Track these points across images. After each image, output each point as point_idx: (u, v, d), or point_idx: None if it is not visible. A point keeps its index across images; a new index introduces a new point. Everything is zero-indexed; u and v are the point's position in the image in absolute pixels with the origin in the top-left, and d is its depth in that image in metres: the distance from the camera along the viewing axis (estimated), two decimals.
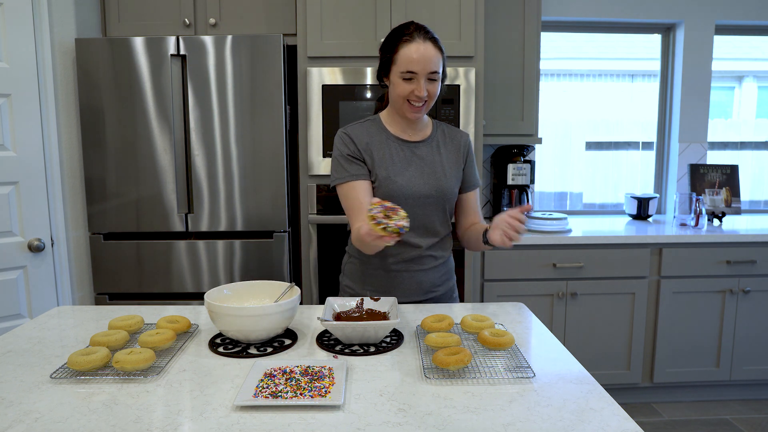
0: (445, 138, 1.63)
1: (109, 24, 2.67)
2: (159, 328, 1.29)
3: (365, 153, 1.54)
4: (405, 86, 1.47)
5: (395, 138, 1.57)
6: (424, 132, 1.61)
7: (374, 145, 1.55)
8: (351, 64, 2.48)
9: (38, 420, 0.93)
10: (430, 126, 1.64)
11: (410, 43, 1.45)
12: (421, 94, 1.46)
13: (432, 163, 1.57)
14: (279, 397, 0.98)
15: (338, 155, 1.55)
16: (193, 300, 2.52)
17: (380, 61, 1.54)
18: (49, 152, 2.33)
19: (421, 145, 1.58)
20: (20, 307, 2.29)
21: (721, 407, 2.82)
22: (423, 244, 1.58)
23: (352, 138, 1.55)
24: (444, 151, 1.60)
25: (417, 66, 1.44)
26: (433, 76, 1.47)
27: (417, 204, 1.54)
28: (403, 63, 1.45)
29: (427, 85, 1.47)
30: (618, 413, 0.96)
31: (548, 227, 2.77)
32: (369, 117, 1.63)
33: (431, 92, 1.49)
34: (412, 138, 1.59)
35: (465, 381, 1.08)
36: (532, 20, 2.83)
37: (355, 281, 1.64)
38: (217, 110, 2.43)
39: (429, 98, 1.49)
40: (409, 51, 1.44)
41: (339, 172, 1.54)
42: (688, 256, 2.71)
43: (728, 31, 3.36)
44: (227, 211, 2.49)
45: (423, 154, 1.57)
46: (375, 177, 1.53)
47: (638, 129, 3.47)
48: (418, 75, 1.45)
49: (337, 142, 1.57)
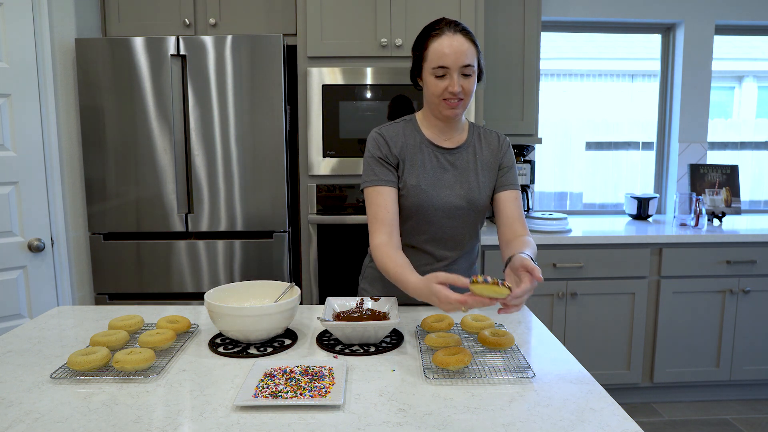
0: (481, 143, 1.53)
1: (109, 24, 2.67)
2: (159, 328, 1.29)
3: (398, 157, 1.47)
4: (438, 83, 1.39)
5: (429, 143, 1.49)
6: (459, 137, 1.52)
7: (408, 149, 1.48)
8: (351, 64, 2.48)
9: (38, 420, 0.93)
10: (467, 130, 1.54)
11: (440, 37, 1.37)
12: (454, 89, 1.37)
13: (466, 172, 1.49)
14: (279, 397, 0.98)
15: (369, 157, 1.48)
16: (193, 300, 2.52)
17: (412, 61, 1.47)
18: (49, 152, 2.33)
19: (455, 152, 1.50)
20: (20, 307, 2.29)
21: (721, 407, 2.82)
22: (450, 256, 1.53)
23: (387, 140, 1.48)
24: (479, 158, 1.51)
25: (448, 60, 1.36)
26: (467, 70, 1.38)
27: (446, 215, 1.48)
28: (434, 58, 1.37)
29: (461, 80, 1.38)
30: (618, 413, 0.96)
31: (548, 227, 2.77)
32: (405, 117, 1.55)
33: (466, 88, 1.39)
34: (446, 144, 1.50)
35: (465, 381, 1.08)
36: (532, 20, 2.83)
37: (375, 286, 1.61)
38: (217, 110, 2.43)
39: (464, 95, 1.40)
40: (440, 45, 1.36)
41: (368, 175, 1.47)
42: (688, 256, 2.72)
43: (728, 31, 3.36)
44: (227, 211, 2.49)
45: (457, 163, 1.49)
46: (404, 184, 1.46)
47: (638, 129, 3.47)
48: (450, 69, 1.37)
49: (369, 143, 1.49)
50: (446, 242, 1.52)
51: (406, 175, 1.46)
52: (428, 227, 1.49)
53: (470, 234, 1.54)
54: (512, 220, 1.49)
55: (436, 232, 1.50)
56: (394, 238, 1.43)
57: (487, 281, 1.08)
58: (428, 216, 1.47)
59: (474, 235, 1.56)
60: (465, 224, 1.51)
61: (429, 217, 1.48)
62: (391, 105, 2.46)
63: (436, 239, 1.51)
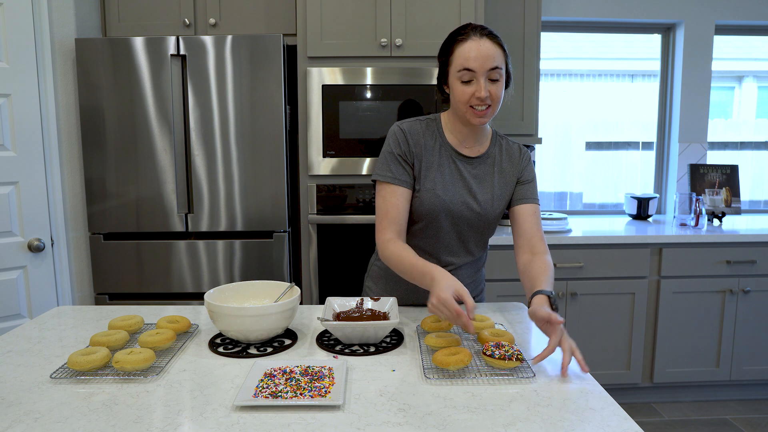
0: (502, 154, 1.50)
1: (109, 24, 2.67)
2: (159, 328, 1.29)
3: (416, 156, 1.44)
4: (464, 89, 1.35)
5: (450, 148, 1.46)
6: (482, 146, 1.48)
7: (427, 150, 1.45)
8: (351, 64, 2.48)
9: (38, 420, 0.93)
10: (489, 139, 1.50)
11: (465, 41, 1.33)
12: (481, 94, 1.32)
13: (483, 182, 1.46)
14: (279, 397, 0.98)
15: (387, 151, 1.45)
16: (193, 300, 2.52)
17: (438, 68, 1.44)
18: (49, 152, 2.33)
19: (475, 162, 1.47)
20: (20, 307, 2.29)
21: (721, 407, 2.82)
22: (456, 262, 1.52)
23: (407, 137, 1.44)
24: (497, 170, 1.48)
25: (474, 63, 1.31)
26: (494, 74, 1.33)
27: (454, 222, 1.46)
28: (459, 61, 1.33)
29: (489, 85, 1.34)
30: (618, 413, 0.96)
31: (548, 227, 2.77)
32: (429, 116, 1.51)
33: (493, 94, 1.35)
34: (467, 152, 1.47)
35: (465, 381, 1.08)
36: (532, 20, 2.83)
37: (379, 285, 1.61)
38: (217, 110, 2.43)
39: (492, 101, 1.35)
40: (465, 49, 1.33)
41: (382, 168, 1.44)
42: (688, 256, 2.71)
43: (728, 31, 3.36)
44: (227, 211, 2.49)
45: (476, 173, 1.46)
46: (419, 185, 1.44)
47: (638, 129, 3.47)
48: (476, 74, 1.33)
49: (390, 137, 1.46)
50: (453, 249, 1.50)
51: (423, 176, 1.44)
52: (437, 232, 1.47)
53: (478, 243, 1.52)
54: (531, 236, 1.45)
55: (444, 237, 1.48)
56: (402, 238, 1.43)
57: (493, 354, 1.11)
58: (438, 221, 1.45)
59: (482, 245, 1.54)
60: (474, 234, 1.50)
61: (439, 222, 1.46)
62: (399, 110, 2.46)
63: (443, 245, 1.49)
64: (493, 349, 1.12)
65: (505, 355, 1.10)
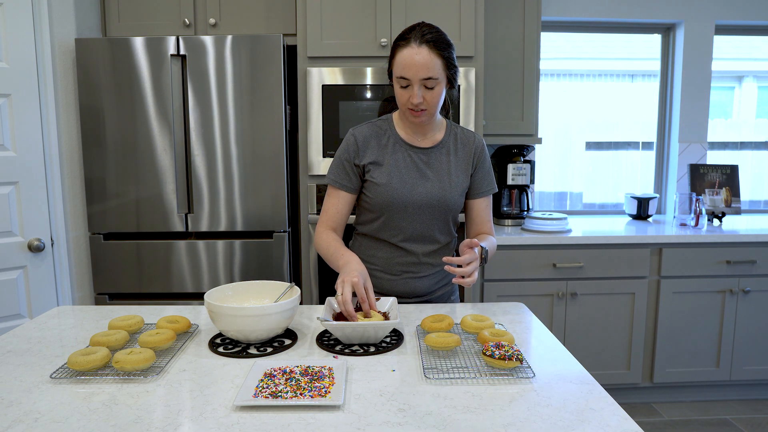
0: (456, 143, 1.56)
1: (109, 24, 2.67)
2: (159, 328, 1.29)
3: (367, 158, 1.51)
4: (402, 93, 1.43)
5: (403, 142, 1.52)
6: (435, 137, 1.55)
7: (380, 149, 1.52)
8: (351, 64, 2.48)
9: (38, 420, 0.93)
10: (443, 129, 1.57)
11: (404, 48, 1.39)
12: (414, 101, 1.39)
13: (439, 171, 1.52)
14: (279, 397, 0.98)
15: (337, 156, 1.56)
16: (193, 300, 2.52)
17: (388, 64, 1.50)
18: (49, 152, 2.33)
19: (430, 152, 1.53)
20: (20, 307, 2.29)
21: (721, 407, 2.82)
22: (419, 251, 1.56)
23: (358, 142, 1.52)
24: (454, 158, 1.54)
25: (408, 72, 1.38)
26: (429, 83, 1.39)
27: (416, 212, 1.51)
28: (398, 68, 1.40)
29: (424, 92, 1.40)
30: (618, 413, 0.96)
31: (548, 227, 2.77)
32: (382, 117, 1.58)
33: (428, 99, 1.41)
34: (421, 144, 1.53)
35: (465, 381, 1.08)
36: (532, 20, 2.83)
37: None
38: (217, 110, 2.43)
39: (428, 106, 1.42)
40: (403, 56, 1.38)
41: (333, 173, 1.55)
42: (688, 256, 2.72)
43: (728, 31, 3.36)
44: (227, 211, 2.49)
45: (431, 162, 1.52)
46: (372, 183, 1.51)
47: (638, 129, 3.47)
48: (411, 81, 1.39)
49: (342, 142, 1.56)
50: (418, 239, 1.55)
51: (376, 175, 1.51)
52: (400, 223, 1.53)
53: (442, 231, 1.58)
54: (482, 223, 1.61)
55: (407, 228, 1.54)
56: (336, 233, 1.56)
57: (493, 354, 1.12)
58: (399, 213, 1.52)
59: (446, 232, 1.60)
60: (437, 222, 1.55)
61: (400, 214, 1.52)
62: (382, 104, 2.46)
63: (408, 235, 1.54)
64: (493, 349, 1.12)
65: (505, 355, 1.10)
